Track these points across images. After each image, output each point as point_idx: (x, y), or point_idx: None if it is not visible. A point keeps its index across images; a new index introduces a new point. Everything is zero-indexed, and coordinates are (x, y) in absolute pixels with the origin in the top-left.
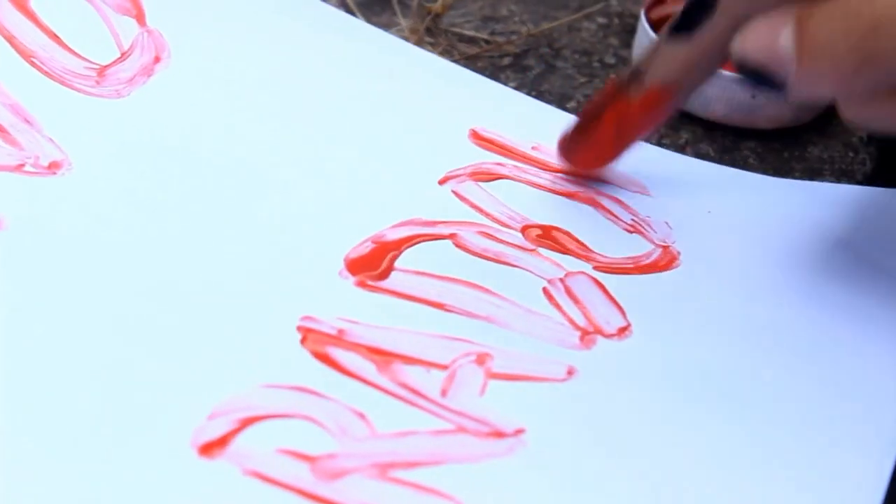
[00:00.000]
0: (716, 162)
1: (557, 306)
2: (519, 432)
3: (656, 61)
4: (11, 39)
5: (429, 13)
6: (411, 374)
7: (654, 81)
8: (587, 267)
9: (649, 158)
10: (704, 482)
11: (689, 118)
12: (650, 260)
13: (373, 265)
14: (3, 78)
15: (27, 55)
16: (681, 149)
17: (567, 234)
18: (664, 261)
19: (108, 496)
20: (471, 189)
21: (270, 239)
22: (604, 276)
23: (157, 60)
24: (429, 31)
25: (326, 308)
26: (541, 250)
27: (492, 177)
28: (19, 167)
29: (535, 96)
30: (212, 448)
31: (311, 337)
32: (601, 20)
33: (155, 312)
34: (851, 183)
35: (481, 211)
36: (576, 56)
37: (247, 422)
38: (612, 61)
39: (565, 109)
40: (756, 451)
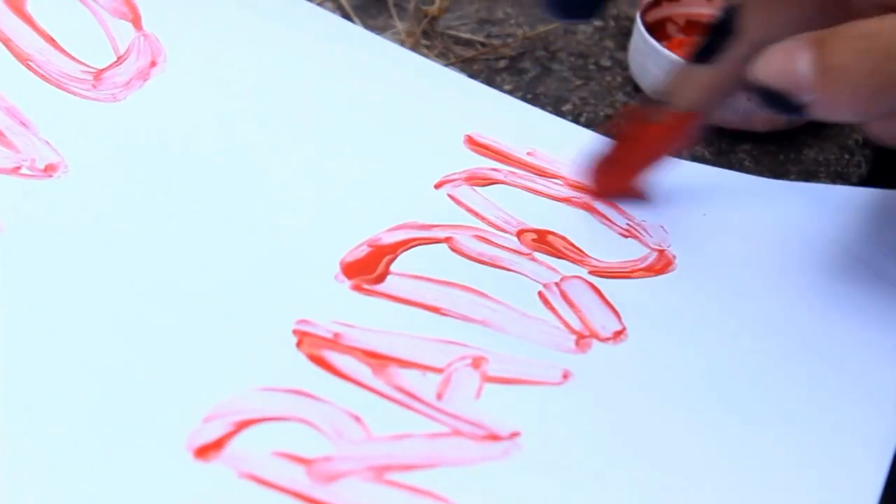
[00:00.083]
0: (711, 164)
1: (553, 310)
2: (514, 435)
3: (680, 86)
4: (8, 43)
5: (425, 16)
6: (407, 378)
7: (679, 106)
8: (582, 271)
9: None
10: (700, 485)
11: None
12: (646, 264)
13: (369, 269)
14: (0, 81)
15: (24, 58)
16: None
17: (562, 239)
18: (660, 264)
19: (105, 499)
20: (466, 193)
21: (266, 242)
22: (599, 280)
23: (154, 64)
24: (425, 34)
25: (322, 311)
26: (536, 254)
27: (487, 182)
28: (15, 170)
29: (531, 99)
30: (207, 451)
31: (307, 340)
32: (597, 23)
33: (151, 315)
34: (847, 185)
35: (477, 215)
36: (571, 59)
37: (242, 425)
38: (608, 64)
39: (561, 112)
40: (752, 454)
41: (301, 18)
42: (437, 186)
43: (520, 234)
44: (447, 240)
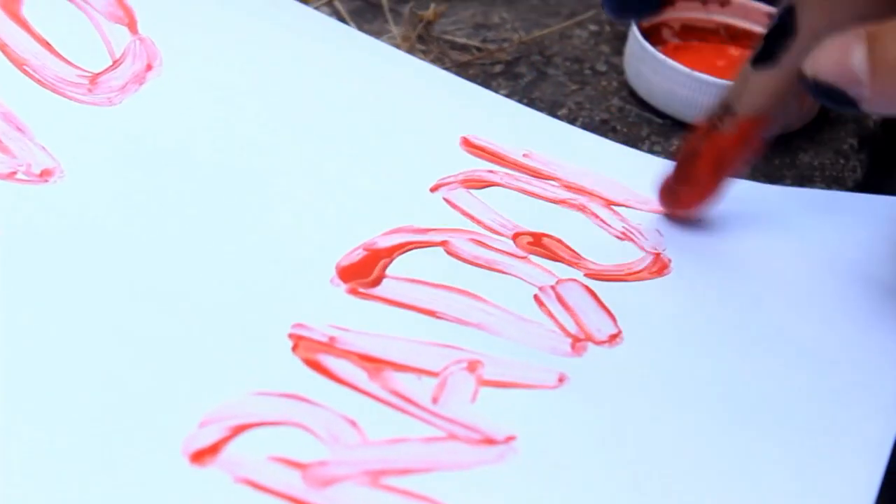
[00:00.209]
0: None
1: (549, 313)
2: (510, 439)
3: (745, 93)
4: (3, 47)
5: (420, 21)
6: (402, 382)
7: (747, 113)
8: (578, 274)
9: (641, 166)
10: (696, 488)
11: (681, 125)
12: (641, 267)
13: (364, 272)
14: None
15: (19, 63)
16: (672, 156)
17: (558, 242)
18: (655, 268)
19: None
20: (462, 196)
21: (262, 246)
22: (595, 284)
23: (149, 68)
24: (420, 39)
25: (318, 315)
26: (532, 257)
27: (483, 184)
28: (11, 175)
29: (527, 104)
30: (203, 456)
31: (303, 344)
32: (592, 27)
33: (146, 319)
34: (842, 190)
35: (472, 218)
36: (567, 63)
37: (238, 429)
38: (604, 69)
39: (557, 116)
40: (747, 457)
41: (297, 22)
42: (433, 190)
43: (515, 238)
44: (443, 243)
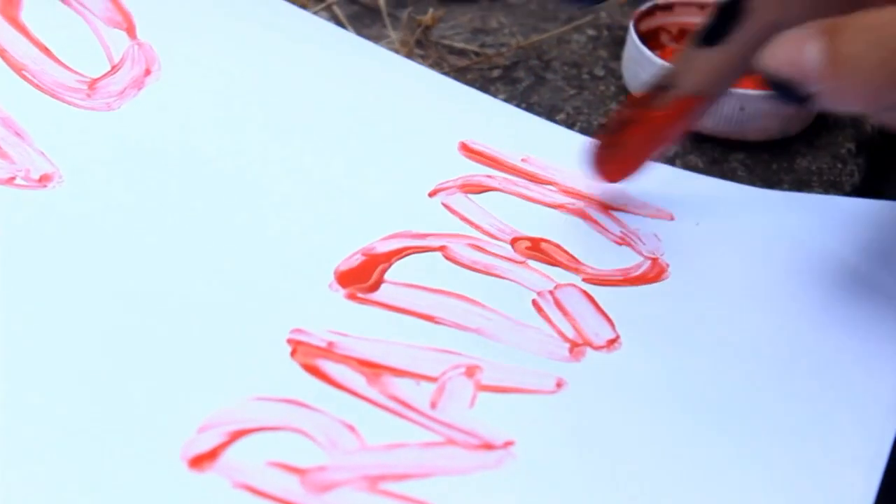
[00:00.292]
0: (704, 174)
1: (547, 318)
2: (508, 444)
3: (684, 70)
4: (2, 52)
5: (419, 25)
6: (401, 387)
7: (682, 90)
8: (576, 279)
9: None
10: (694, 493)
11: None
12: (639, 272)
13: (363, 277)
14: None
15: (18, 68)
16: (669, 160)
17: (556, 247)
18: (653, 273)
19: None
20: (460, 201)
21: (261, 251)
22: (593, 288)
23: (148, 73)
24: (419, 44)
25: (316, 320)
26: (530, 262)
27: (481, 189)
28: (10, 180)
29: (525, 108)
30: (202, 461)
31: (301, 349)
32: (590, 32)
33: (145, 324)
34: (840, 194)
35: (471, 223)
36: (565, 68)
37: (237, 434)
38: (602, 73)
39: (555, 121)
40: (745, 462)
41: (295, 27)
42: (432, 195)
43: (514, 242)
44: (441, 248)
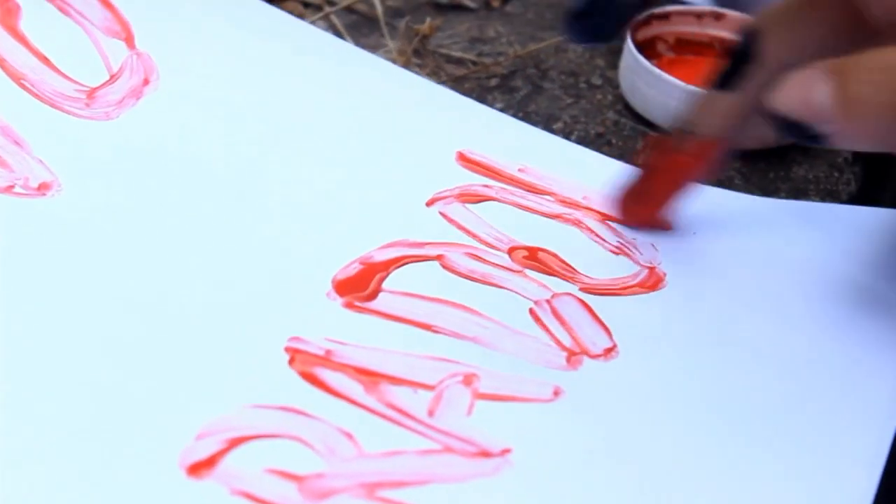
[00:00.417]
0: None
1: (544, 327)
2: (505, 452)
3: (703, 114)
4: (2, 62)
5: (416, 35)
6: (398, 395)
7: (703, 135)
8: (573, 288)
9: None
10: (692, 499)
11: None
12: (636, 281)
13: (360, 286)
14: None
15: (17, 77)
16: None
17: (553, 256)
18: (650, 282)
19: None
20: (458, 210)
21: (259, 260)
22: (590, 298)
23: (146, 83)
24: (416, 53)
25: (314, 329)
26: (527, 272)
27: (479, 198)
28: (9, 189)
29: (522, 117)
30: (200, 468)
31: (299, 357)
32: None
33: (144, 332)
34: (836, 202)
35: (468, 232)
36: (562, 77)
37: (235, 442)
38: (599, 82)
39: (552, 130)
40: (742, 468)
41: (293, 37)
42: (429, 204)
43: (511, 252)
44: (439, 257)
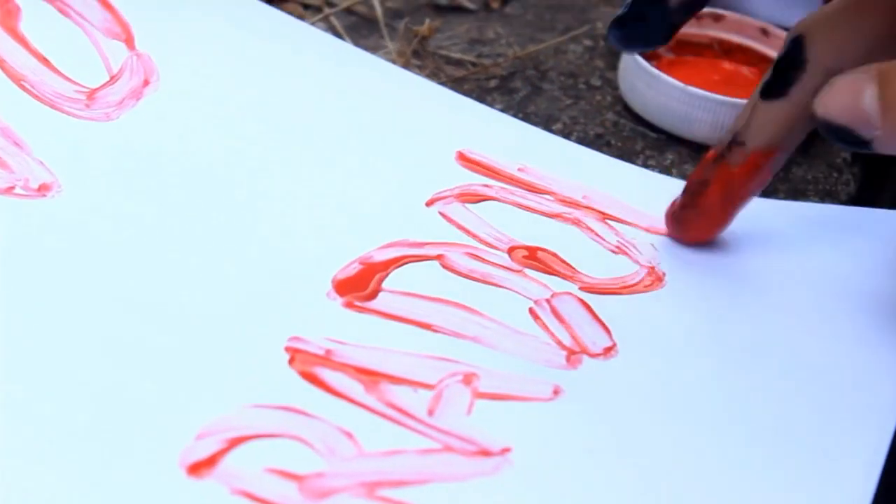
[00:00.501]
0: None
1: (544, 326)
2: (505, 451)
3: (754, 124)
4: (2, 63)
5: (416, 36)
6: (398, 394)
7: (756, 146)
8: (573, 287)
9: (635, 180)
10: (691, 498)
11: (674, 139)
12: (636, 280)
13: (360, 286)
14: None
15: (17, 79)
16: (666, 170)
17: (553, 255)
18: (650, 281)
19: None
20: (457, 210)
21: (259, 260)
22: (590, 297)
23: (146, 83)
24: (416, 54)
25: (314, 329)
26: (527, 271)
27: (478, 198)
28: (9, 190)
29: (522, 118)
30: (200, 468)
31: (299, 357)
32: (587, 42)
33: (143, 333)
34: (835, 203)
35: (468, 232)
36: (562, 78)
37: (235, 441)
38: (598, 83)
39: (551, 131)
40: (741, 467)
41: (293, 38)
42: (429, 204)
43: (511, 251)
44: (438, 257)
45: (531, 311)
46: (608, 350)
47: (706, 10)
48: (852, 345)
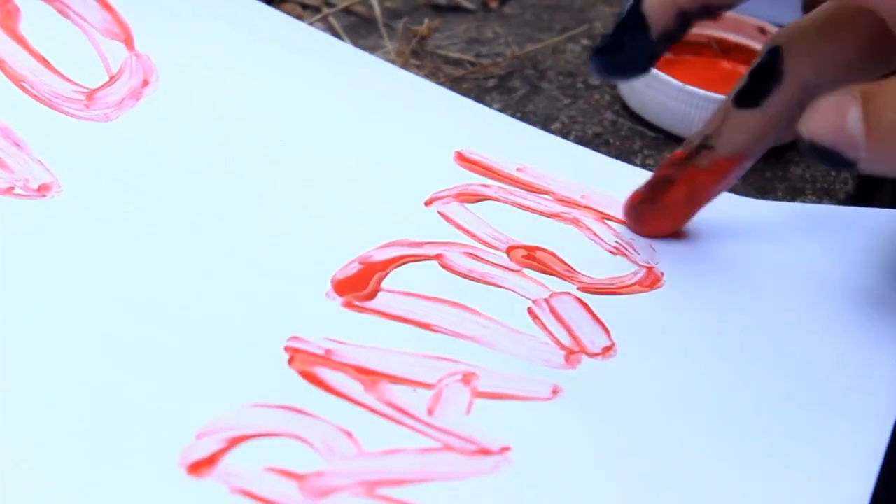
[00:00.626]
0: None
1: (542, 326)
2: (504, 450)
3: (725, 130)
4: (1, 64)
5: (414, 36)
6: (398, 394)
7: (724, 151)
8: (572, 287)
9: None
10: (691, 497)
11: (672, 138)
12: (634, 280)
13: (359, 286)
14: None
15: (17, 79)
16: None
17: (552, 255)
18: (648, 281)
19: None
20: (456, 210)
21: (258, 260)
22: (588, 297)
23: (146, 84)
24: (415, 54)
25: (314, 328)
26: (526, 271)
27: (477, 198)
28: (9, 190)
29: (520, 118)
30: (200, 467)
31: (299, 357)
32: (585, 42)
33: (144, 332)
34: (833, 202)
35: (467, 232)
36: (560, 78)
37: (235, 441)
38: (596, 83)
39: (550, 130)
40: (741, 466)
41: (292, 38)
42: (428, 204)
43: (509, 251)
44: (437, 257)
45: (530, 311)
46: (607, 350)
47: None
48: (851, 344)
